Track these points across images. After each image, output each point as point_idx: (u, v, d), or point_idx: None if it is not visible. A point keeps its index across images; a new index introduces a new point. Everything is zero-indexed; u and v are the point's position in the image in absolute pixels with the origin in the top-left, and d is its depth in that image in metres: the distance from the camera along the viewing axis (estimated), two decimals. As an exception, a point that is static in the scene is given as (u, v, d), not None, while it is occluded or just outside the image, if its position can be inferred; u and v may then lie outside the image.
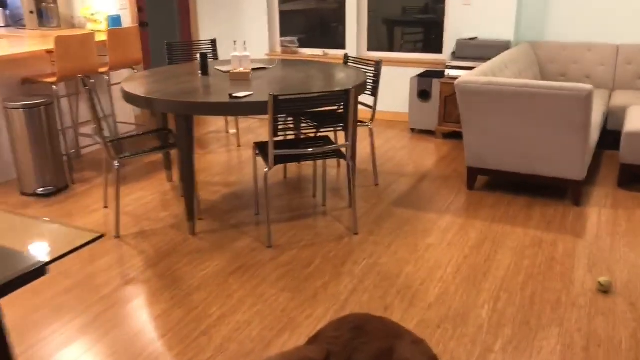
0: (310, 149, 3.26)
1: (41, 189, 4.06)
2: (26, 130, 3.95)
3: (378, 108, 6.01)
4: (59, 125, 4.23)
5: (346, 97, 3.14)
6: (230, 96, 3.16)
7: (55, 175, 4.10)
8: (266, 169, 3.20)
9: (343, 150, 3.36)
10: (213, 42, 5.17)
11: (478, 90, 3.68)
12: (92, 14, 5.46)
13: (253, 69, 3.99)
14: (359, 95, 3.51)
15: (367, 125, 4.06)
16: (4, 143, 4.31)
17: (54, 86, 4.21)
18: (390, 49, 6.01)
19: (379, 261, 3.10)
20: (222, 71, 3.94)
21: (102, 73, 4.58)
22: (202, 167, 4.62)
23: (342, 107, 3.21)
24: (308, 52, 6.26)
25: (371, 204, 3.85)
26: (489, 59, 5.02)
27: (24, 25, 5.81)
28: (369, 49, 6.03)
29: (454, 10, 5.32)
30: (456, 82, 3.76)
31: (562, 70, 5.24)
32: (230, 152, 5.03)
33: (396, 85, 5.85)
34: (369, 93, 4.09)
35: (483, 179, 4.22)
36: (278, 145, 3.40)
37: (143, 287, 2.89)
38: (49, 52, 4.19)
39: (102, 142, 3.31)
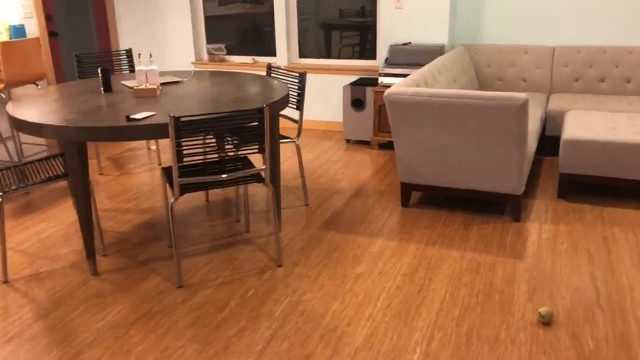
0: (224, 175, 2.90)
1: None
2: None
3: (312, 118, 5.71)
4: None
5: (260, 116, 2.81)
6: (127, 118, 2.78)
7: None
8: (172, 199, 2.83)
9: (262, 173, 3.03)
10: (128, 53, 4.75)
11: (407, 101, 3.41)
12: (-8, 24, 4.94)
13: (164, 84, 3.60)
14: (282, 109, 3.18)
15: (294, 142, 3.74)
16: None
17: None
18: (328, 54, 5.71)
19: (302, 298, 2.77)
20: (128, 87, 3.54)
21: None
22: (115, 192, 4.19)
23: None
24: (237, 59, 5.90)
25: (299, 228, 3.52)
26: (424, 64, 4.78)
27: None
28: (301, 55, 5.72)
29: (386, 14, 5.06)
30: (385, 93, 3.48)
31: (498, 74, 5.05)
32: (148, 173, 4.61)
33: (330, 93, 5.56)
34: (294, 107, 3.77)
35: (418, 195, 3.96)
36: (187, 170, 3.04)
37: (27, 346, 2.48)
38: None
39: (-20, 175, 2.87)
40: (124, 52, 4.74)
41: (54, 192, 4.21)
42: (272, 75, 4.02)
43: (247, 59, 5.84)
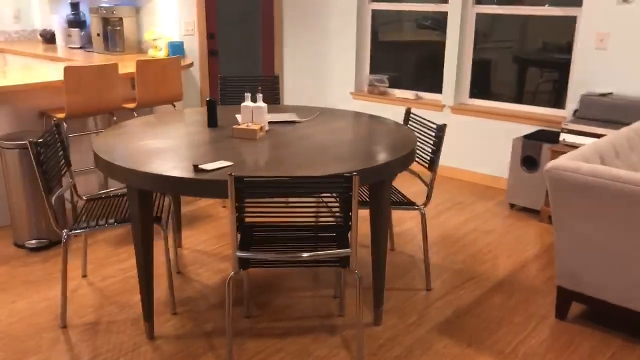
0: (288, 255, 2.26)
1: (34, 241, 3.49)
2: (20, 173, 3.42)
3: (471, 168, 4.80)
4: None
5: (346, 185, 2.12)
6: (195, 168, 2.29)
7: (50, 225, 3.52)
8: (232, 273, 2.26)
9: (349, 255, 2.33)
10: (275, 79, 4.37)
11: (580, 182, 2.44)
12: (154, 39, 4.94)
13: (274, 123, 3.09)
14: (398, 172, 2.47)
15: (419, 209, 2.96)
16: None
17: (64, 123, 3.66)
18: (502, 95, 4.77)
19: None
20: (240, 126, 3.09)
21: (130, 109, 3.97)
22: (219, 233, 3.79)
23: (345, 194, 2.18)
24: (399, 93, 5.22)
25: (406, 324, 2.74)
26: (626, 124, 3.64)
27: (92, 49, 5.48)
28: (472, 95, 4.86)
29: (584, 54, 4.00)
30: (547, 166, 2.55)
31: None
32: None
33: (498, 143, 4.61)
34: (426, 165, 3.00)
35: (581, 306, 2.90)
36: (254, 237, 2.45)
37: None
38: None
39: (47, 206, 2.61)
40: (271, 77, 4.36)
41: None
42: (410, 121, 3.28)
43: (410, 94, 5.14)
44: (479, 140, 4.74)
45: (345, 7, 5.26)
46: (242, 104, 2.91)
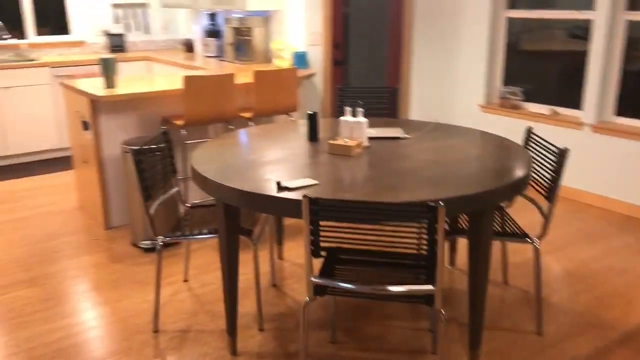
0: (365, 287, 2.08)
1: (147, 242, 3.67)
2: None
3: (610, 194, 4.23)
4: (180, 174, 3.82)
5: (430, 215, 1.90)
6: (279, 186, 2.21)
7: (163, 227, 3.67)
8: (307, 299, 2.15)
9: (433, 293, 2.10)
10: (393, 91, 4.20)
11: None
12: (279, 49, 5.01)
13: (379, 138, 2.92)
14: (499, 201, 2.20)
15: (532, 243, 2.63)
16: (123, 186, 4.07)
17: (182, 130, 3.80)
18: (653, 115, 4.17)
19: None
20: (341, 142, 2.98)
21: (247, 118, 4.03)
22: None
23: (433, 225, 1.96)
24: (533, 108, 4.78)
25: (506, 372, 2.43)
26: None
27: (225, 58, 5.70)
28: (620, 112, 4.29)
29: None
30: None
31: None
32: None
33: (650, 169, 4.02)
34: (545, 194, 2.65)
35: None
36: (338, 260, 2.31)
37: None
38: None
39: (146, 214, 2.68)
40: (389, 89, 4.20)
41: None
42: (530, 142, 2.94)
43: (545, 109, 4.68)
44: (623, 165, 4.17)
45: (478, 15, 4.93)
46: (341, 118, 2.80)
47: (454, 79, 5.26)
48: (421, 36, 5.40)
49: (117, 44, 6.36)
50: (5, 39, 5.64)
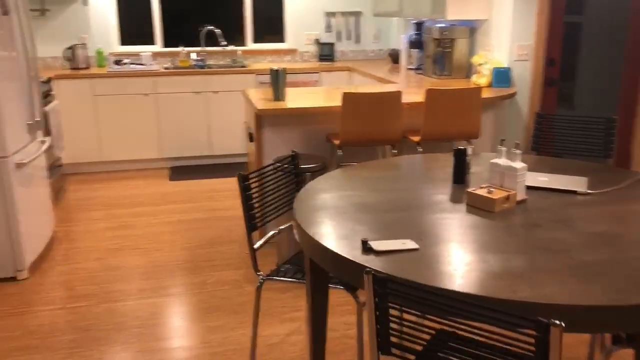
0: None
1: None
2: (286, 196, 3.38)
3: None
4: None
5: (541, 337, 1.23)
6: (364, 245, 1.72)
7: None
8: (377, 401, 1.63)
9: None
10: (609, 123, 3.31)
11: None
12: (480, 64, 4.37)
13: (547, 190, 2.20)
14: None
15: None
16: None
17: (338, 151, 3.46)
18: None
19: None
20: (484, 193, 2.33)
21: (416, 142, 3.53)
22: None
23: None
24: None
25: None
26: None
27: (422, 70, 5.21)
28: None
29: None
30: None
31: None
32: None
33: None
34: None
35: None
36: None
37: None
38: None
39: (249, 246, 2.40)
40: (599, 120, 3.31)
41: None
42: None
43: None
44: None
45: None
46: (491, 161, 2.16)
47: None
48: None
49: (326, 53, 6.32)
50: (223, 45, 5.98)
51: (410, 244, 1.73)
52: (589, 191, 2.19)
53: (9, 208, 3.25)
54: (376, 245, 1.72)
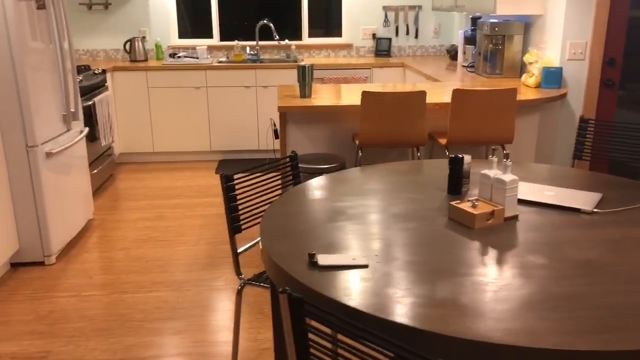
0: None
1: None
2: (303, 197, 3.29)
3: None
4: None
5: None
6: (310, 258, 1.61)
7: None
8: None
9: None
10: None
11: None
12: (531, 63, 4.05)
13: (548, 207, 1.97)
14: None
15: None
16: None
17: (359, 152, 3.32)
18: None
19: None
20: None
21: (443, 145, 3.32)
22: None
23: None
24: None
25: None
26: None
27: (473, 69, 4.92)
28: None
29: None
30: None
31: None
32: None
33: None
34: None
35: None
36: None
37: None
38: (375, 108, 3.30)
39: (230, 247, 2.32)
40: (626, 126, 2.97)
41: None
42: None
43: None
44: None
45: None
46: (482, 172, 1.96)
47: None
48: None
49: (383, 48, 6.14)
50: (277, 40, 5.95)
51: (360, 260, 1.59)
52: (594, 210, 1.94)
53: (37, 195, 3.38)
54: (322, 259, 1.60)
